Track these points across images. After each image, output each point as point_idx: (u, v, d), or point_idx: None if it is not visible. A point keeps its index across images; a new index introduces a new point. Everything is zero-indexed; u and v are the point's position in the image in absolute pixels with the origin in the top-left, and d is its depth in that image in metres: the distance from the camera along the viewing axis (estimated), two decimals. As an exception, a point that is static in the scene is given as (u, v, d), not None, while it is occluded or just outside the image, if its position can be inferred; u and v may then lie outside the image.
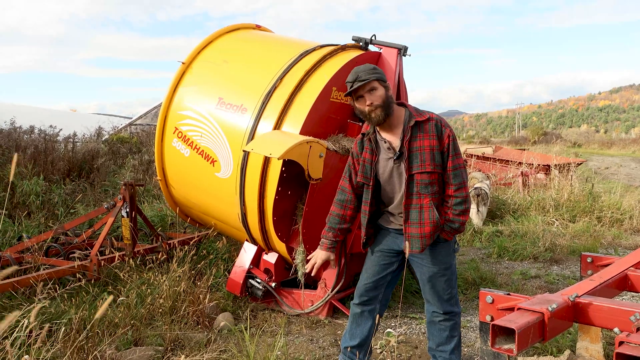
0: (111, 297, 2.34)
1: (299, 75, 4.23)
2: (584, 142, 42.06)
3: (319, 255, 3.19)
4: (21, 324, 2.78)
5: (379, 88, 2.90)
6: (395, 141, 2.96)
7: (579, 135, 53.64)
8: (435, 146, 2.90)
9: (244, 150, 4.10)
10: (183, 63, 4.88)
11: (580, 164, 13.60)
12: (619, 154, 31.57)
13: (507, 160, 13.12)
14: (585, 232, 7.68)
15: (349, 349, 3.24)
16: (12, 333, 2.78)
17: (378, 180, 3.04)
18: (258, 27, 5.48)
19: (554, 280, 5.65)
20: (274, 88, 4.27)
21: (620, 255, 4.54)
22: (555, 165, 11.27)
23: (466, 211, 2.98)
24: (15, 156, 2.10)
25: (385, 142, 2.99)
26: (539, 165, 11.82)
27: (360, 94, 2.92)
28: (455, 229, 2.99)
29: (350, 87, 2.91)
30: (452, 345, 3.13)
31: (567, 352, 3.24)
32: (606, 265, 3.37)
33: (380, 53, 4.59)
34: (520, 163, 11.87)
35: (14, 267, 2.70)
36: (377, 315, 3.18)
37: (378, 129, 3.02)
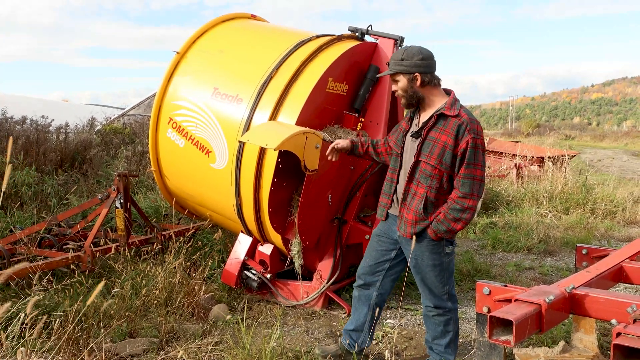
0: (102, 283, 2.32)
1: (295, 65, 4.19)
2: (576, 135, 42.23)
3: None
4: (17, 316, 2.75)
5: (401, 80, 2.98)
6: (422, 123, 3.02)
7: (571, 128, 53.84)
8: (450, 145, 2.85)
9: (239, 141, 4.07)
10: (178, 52, 4.82)
11: (574, 156, 13.63)
12: (611, 147, 31.71)
13: (501, 152, 13.11)
14: (578, 224, 7.71)
15: (348, 333, 3.33)
16: (8, 326, 2.76)
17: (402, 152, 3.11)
18: (253, 17, 5.42)
19: (547, 271, 5.69)
20: (269, 78, 4.23)
21: (614, 247, 4.56)
22: (549, 157, 11.29)
23: (460, 220, 2.87)
24: (11, 140, 2.07)
25: (417, 119, 3.08)
26: (532, 157, 11.83)
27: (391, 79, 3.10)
28: (442, 232, 2.90)
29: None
30: (447, 340, 3.15)
31: (561, 343, 3.26)
32: (601, 257, 3.38)
33: (377, 44, 4.55)
34: (514, 155, 11.87)
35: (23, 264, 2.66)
36: (377, 307, 3.21)
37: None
